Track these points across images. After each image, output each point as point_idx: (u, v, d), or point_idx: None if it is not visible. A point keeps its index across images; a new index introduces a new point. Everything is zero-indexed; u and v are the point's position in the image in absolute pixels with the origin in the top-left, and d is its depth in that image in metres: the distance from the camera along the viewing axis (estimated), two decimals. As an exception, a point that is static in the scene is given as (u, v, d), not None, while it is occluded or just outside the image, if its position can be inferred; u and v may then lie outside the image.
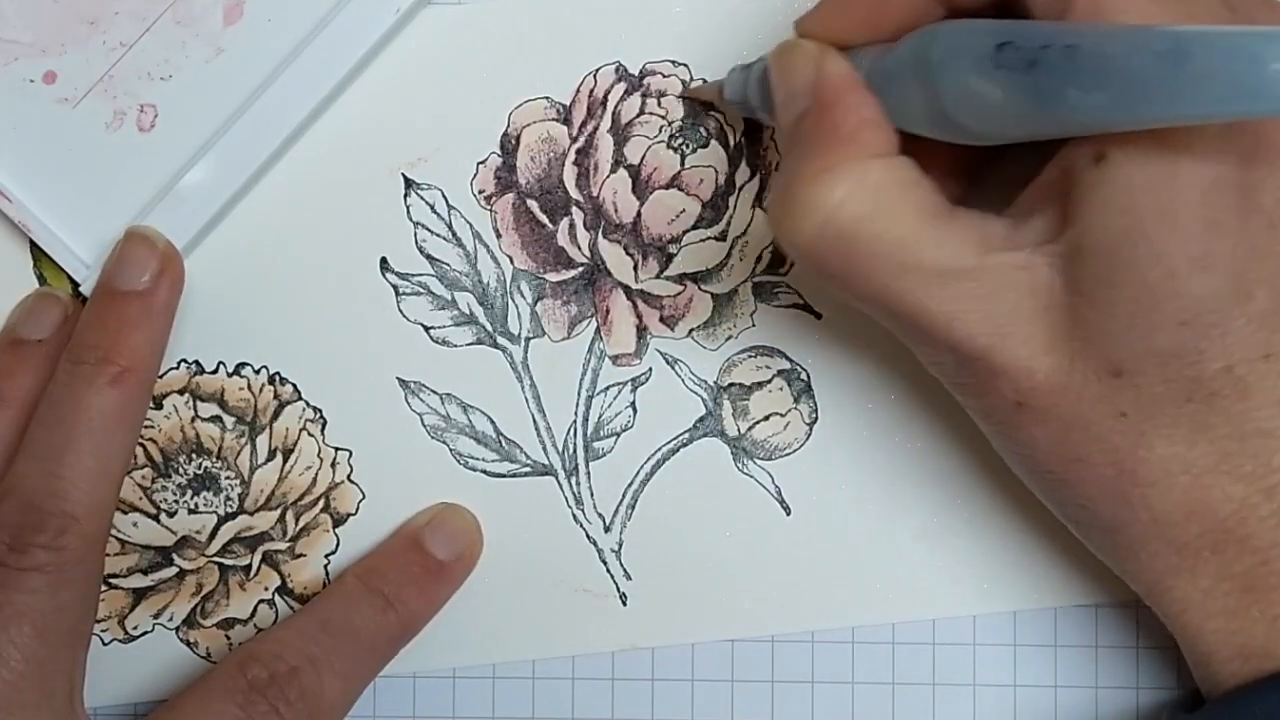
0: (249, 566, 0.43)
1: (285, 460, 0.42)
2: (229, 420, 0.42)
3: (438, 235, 0.42)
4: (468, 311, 0.42)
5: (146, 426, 0.42)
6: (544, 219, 0.42)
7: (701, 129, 0.42)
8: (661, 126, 0.42)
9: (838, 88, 0.34)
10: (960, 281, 0.33)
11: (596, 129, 0.42)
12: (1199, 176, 0.31)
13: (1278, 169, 0.31)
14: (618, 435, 0.42)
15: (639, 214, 0.42)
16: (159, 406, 0.42)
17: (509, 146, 0.42)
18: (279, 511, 0.43)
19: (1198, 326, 0.31)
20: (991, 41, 0.31)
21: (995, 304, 0.33)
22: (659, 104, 0.42)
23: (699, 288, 0.42)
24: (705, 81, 0.41)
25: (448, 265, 0.42)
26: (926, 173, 0.34)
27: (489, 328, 0.42)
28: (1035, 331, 0.33)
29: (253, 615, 0.43)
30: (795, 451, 0.42)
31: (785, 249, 0.35)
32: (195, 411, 0.42)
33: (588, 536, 0.42)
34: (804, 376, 0.42)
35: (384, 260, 0.42)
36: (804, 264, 0.34)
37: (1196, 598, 0.34)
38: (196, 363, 0.42)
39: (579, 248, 0.42)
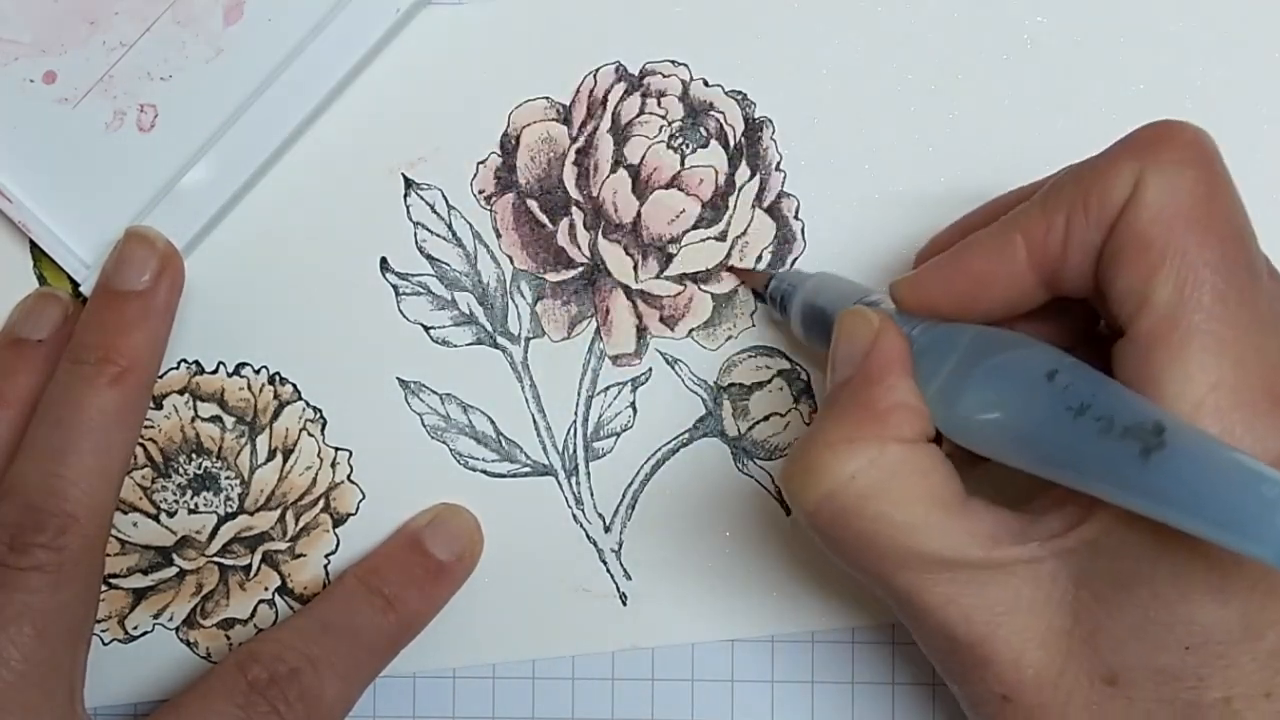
0: (249, 566, 0.43)
1: (285, 460, 0.42)
2: (229, 420, 0.42)
3: (438, 235, 0.42)
4: (468, 311, 0.42)
5: (146, 426, 0.42)
6: (544, 219, 0.42)
7: (701, 129, 0.42)
8: (661, 126, 0.42)
9: (885, 365, 0.34)
10: (960, 570, 0.32)
11: (596, 129, 0.42)
12: None
13: None
14: (618, 435, 0.42)
15: (639, 214, 0.42)
16: (159, 406, 0.42)
17: (509, 146, 0.42)
18: (279, 511, 0.43)
19: (1203, 654, 0.31)
20: (1062, 362, 0.31)
21: (994, 593, 0.32)
22: (659, 104, 0.42)
23: (699, 288, 0.42)
24: (745, 263, 0.41)
25: (448, 265, 0.42)
26: (953, 455, 0.34)
27: (489, 328, 0.42)
28: (1032, 622, 0.32)
29: (253, 615, 0.43)
30: (795, 451, 0.42)
31: (790, 505, 0.35)
32: (195, 411, 0.42)
33: (588, 536, 0.42)
34: (804, 376, 0.42)
35: (384, 260, 0.42)
36: (804, 524, 0.34)
37: None
38: (196, 363, 0.42)
39: (579, 248, 0.42)
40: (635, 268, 0.42)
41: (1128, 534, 0.31)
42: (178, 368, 0.42)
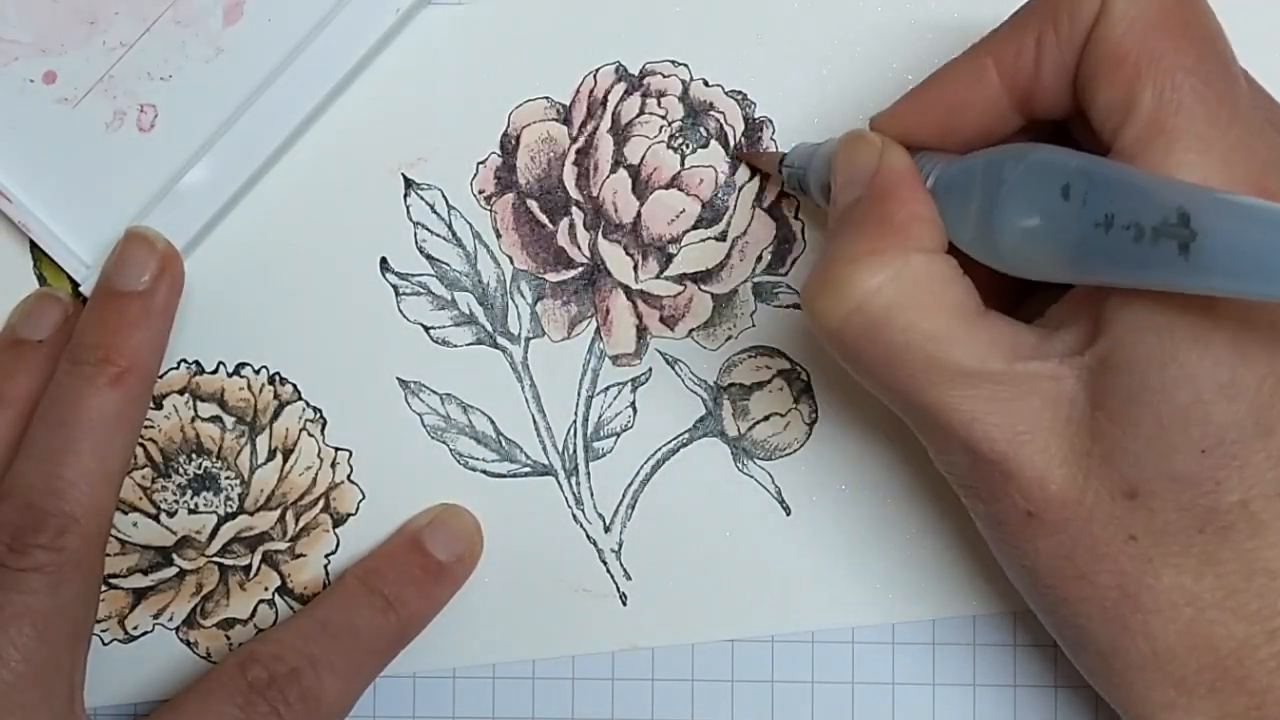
0: (249, 566, 0.43)
1: (285, 460, 0.42)
2: (229, 420, 0.42)
3: (438, 235, 0.42)
4: (468, 311, 0.42)
5: (146, 426, 0.42)
6: (544, 219, 0.42)
7: (701, 129, 0.42)
8: (661, 126, 0.42)
9: (895, 180, 0.34)
10: (984, 384, 0.32)
11: (596, 129, 0.42)
12: (1235, 304, 0.30)
13: None
14: (618, 435, 0.42)
15: (639, 214, 0.42)
16: (159, 406, 0.42)
17: (509, 146, 0.42)
18: (279, 511, 0.43)
19: (1218, 455, 0.31)
20: (1071, 171, 0.30)
21: (1017, 410, 0.32)
22: (659, 104, 0.42)
23: (699, 288, 0.42)
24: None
25: (448, 265, 0.42)
26: (967, 274, 0.34)
27: (489, 328, 0.42)
28: (1054, 442, 0.32)
29: (253, 615, 0.43)
30: (795, 451, 0.42)
31: (813, 328, 0.34)
32: (195, 411, 0.42)
33: (588, 536, 0.42)
34: (804, 376, 0.42)
35: (384, 260, 0.42)
36: (829, 345, 0.34)
37: None
38: (196, 363, 0.42)
39: (579, 248, 0.42)
40: (635, 268, 0.42)
41: (1137, 345, 0.31)
42: (178, 368, 0.42)
